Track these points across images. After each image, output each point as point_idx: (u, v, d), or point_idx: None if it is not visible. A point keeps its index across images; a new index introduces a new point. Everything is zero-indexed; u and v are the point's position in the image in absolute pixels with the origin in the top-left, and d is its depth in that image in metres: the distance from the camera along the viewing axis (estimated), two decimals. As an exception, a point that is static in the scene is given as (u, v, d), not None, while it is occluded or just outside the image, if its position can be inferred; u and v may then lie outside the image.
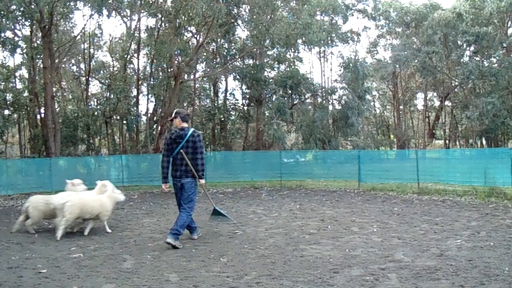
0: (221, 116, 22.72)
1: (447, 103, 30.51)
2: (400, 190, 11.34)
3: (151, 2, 16.70)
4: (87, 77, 20.38)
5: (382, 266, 4.78)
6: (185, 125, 6.21)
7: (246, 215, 8.46)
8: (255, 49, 20.38)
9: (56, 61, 16.95)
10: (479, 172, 10.38)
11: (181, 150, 6.05)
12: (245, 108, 23.81)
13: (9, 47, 13.91)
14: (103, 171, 14.01)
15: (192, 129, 6.20)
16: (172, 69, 17.54)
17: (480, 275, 4.37)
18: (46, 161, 12.85)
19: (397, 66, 28.46)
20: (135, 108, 18.66)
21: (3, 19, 12.68)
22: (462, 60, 25.39)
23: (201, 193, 12.31)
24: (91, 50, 20.86)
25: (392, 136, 31.99)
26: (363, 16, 29.00)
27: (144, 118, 20.26)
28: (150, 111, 20.15)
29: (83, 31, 19.32)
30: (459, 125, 28.91)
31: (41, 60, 15.71)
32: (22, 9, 13.14)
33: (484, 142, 26.71)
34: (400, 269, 4.67)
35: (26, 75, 19.14)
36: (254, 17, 17.80)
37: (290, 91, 21.65)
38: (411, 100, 32.99)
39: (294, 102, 22.91)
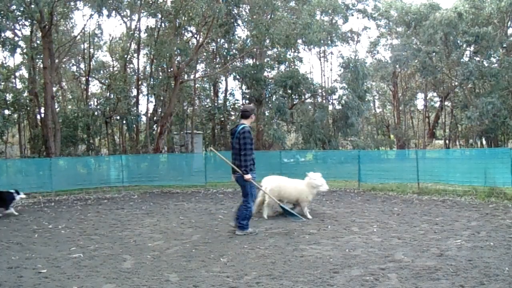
0: (221, 116, 22.72)
1: (447, 103, 30.52)
2: (400, 190, 11.33)
3: (151, 2, 16.70)
4: (87, 77, 20.39)
5: (382, 266, 4.78)
6: (242, 121, 6.55)
7: (246, 215, 8.45)
8: (255, 49, 20.38)
9: (56, 61, 16.95)
10: (479, 172, 10.37)
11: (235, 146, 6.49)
12: (245, 108, 23.76)
13: (9, 47, 13.88)
14: (103, 171, 14.02)
15: (242, 125, 6.43)
16: (172, 69, 17.53)
17: (480, 275, 4.37)
18: (46, 161, 12.84)
19: (397, 66, 28.46)
20: (135, 108, 18.65)
21: (3, 19, 12.67)
22: (462, 60, 25.40)
23: (201, 193, 12.36)
24: (91, 50, 20.87)
25: (392, 136, 31.99)
26: (363, 16, 29.03)
27: (144, 118, 20.26)
28: (150, 111, 20.16)
29: (83, 31, 19.34)
30: (459, 125, 28.91)
31: (41, 60, 15.70)
32: (22, 9, 13.14)
33: (484, 142, 26.71)
34: (400, 269, 4.67)
35: (26, 75, 19.14)
36: (254, 17, 17.80)
37: (290, 91, 21.64)
38: (411, 100, 32.99)
39: (294, 102, 22.91)
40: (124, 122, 18.89)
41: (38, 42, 17.03)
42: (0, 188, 9.50)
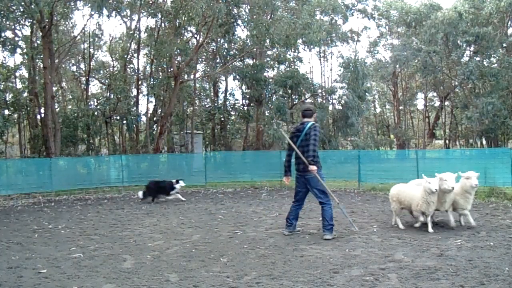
0: (221, 116, 22.72)
1: (447, 103, 30.53)
2: (400, 190, 11.31)
3: (151, 2, 16.70)
4: (87, 77, 20.40)
5: (382, 266, 4.78)
6: (306, 119, 6.35)
7: (246, 215, 8.46)
8: (255, 49, 20.38)
9: (56, 61, 16.95)
10: (479, 172, 10.33)
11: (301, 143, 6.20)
12: (245, 108, 23.82)
13: (9, 47, 13.89)
14: (103, 171, 14.02)
15: (311, 123, 6.26)
16: (172, 69, 17.54)
17: (480, 275, 4.36)
18: (46, 161, 12.86)
19: (397, 66, 28.47)
20: (135, 108, 18.66)
21: (3, 19, 12.67)
22: (462, 60, 25.40)
23: (201, 193, 12.36)
24: (91, 50, 20.88)
25: (392, 136, 32.00)
26: (363, 16, 29.05)
27: (144, 118, 20.27)
28: (150, 111, 20.18)
29: (83, 31, 19.35)
30: (459, 125, 28.92)
31: (41, 60, 15.70)
32: (22, 9, 13.14)
33: (484, 142, 26.71)
34: (400, 269, 4.67)
35: (26, 75, 19.14)
36: (254, 17, 17.78)
37: (290, 91, 21.65)
38: (411, 100, 33.00)
39: (294, 102, 22.91)
40: (124, 122, 18.91)
41: (38, 42, 17.04)
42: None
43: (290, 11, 20.94)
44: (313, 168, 6.07)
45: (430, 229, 6.33)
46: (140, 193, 10.75)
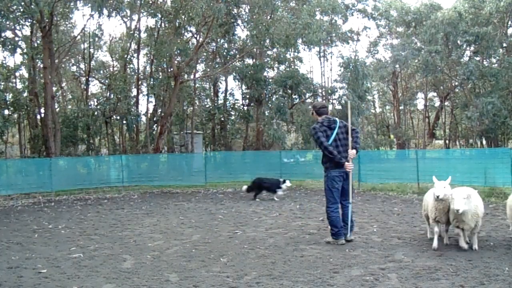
0: (221, 116, 22.71)
1: (447, 103, 30.51)
2: (400, 190, 11.33)
3: (151, 2, 16.70)
4: (87, 77, 20.40)
5: (382, 266, 4.78)
6: (325, 116, 6.23)
7: (246, 215, 8.46)
8: (255, 49, 20.37)
9: (56, 61, 16.94)
10: (479, 172, 10.37)
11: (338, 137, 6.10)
12: (245, 108, 23.81)
13: (9, 47, 13.90)
14: (103, 171, 14.03)
15: (338, 119, 6.27)
16: (172, 69, 17.53)
17: (480, 275, 4.36)
18: (46, 161, 12.86)
19: (397, 66, 28.46)
20: (135, 108, 18.65)
21: (3, 19, 12.66)
22: (462, 60, 25.40)
23: (201, 193, 12.37)
24: (91, 50, 20.87)
25: (392, 136, 31.98)
26: (363, 16, 29.03)
27: (144, 118, 20.26)
28: (150, 111, 20.17)
29: (83, 31, 19.33)
30: (459, 125, 28.90)
31: (41, 60, 15.71)
32: (22, 9, 13.13)
33: (484, 142, 26.70)
34: (400, 269, 4.67)
35: (26, 75, 19.12)
36: (254, 17, 17.78)
37: (290, 91, 21.63)
38: (411, 100, 32.99)
39: (294, 102, 22.90)
40: (124, 122, 18.89)
41: (38, 42, 17.03)
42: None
43: (290, 11, 20.92)
44: (353, 151, 6.10)
45: (435, 240, 5.50)
46: (244, 187, 11.30)
